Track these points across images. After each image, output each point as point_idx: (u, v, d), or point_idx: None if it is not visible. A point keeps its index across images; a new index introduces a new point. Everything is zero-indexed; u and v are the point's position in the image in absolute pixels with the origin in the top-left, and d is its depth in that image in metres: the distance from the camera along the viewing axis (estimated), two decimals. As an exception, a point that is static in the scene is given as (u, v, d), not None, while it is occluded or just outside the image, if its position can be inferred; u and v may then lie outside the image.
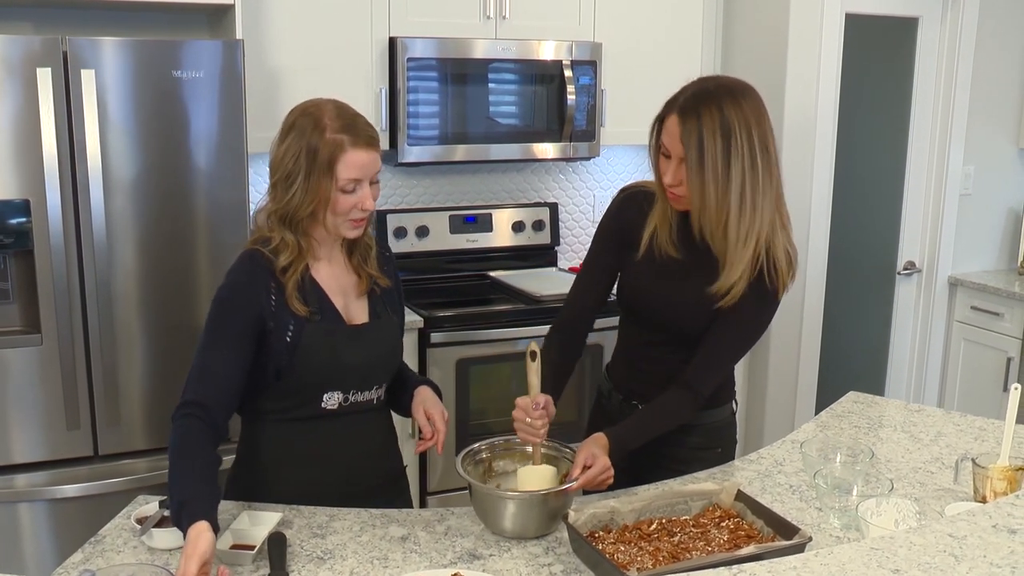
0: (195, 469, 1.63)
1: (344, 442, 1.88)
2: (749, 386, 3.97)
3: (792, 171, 3.75)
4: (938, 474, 2.01)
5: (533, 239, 4.06)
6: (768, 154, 1.83)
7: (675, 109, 1.83)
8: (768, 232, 1.86)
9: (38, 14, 3.19)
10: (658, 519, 1.73)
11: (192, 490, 1.58)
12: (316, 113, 1.76)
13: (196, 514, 1.51)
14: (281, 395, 1.83)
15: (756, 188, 1.81)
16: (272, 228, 1.80)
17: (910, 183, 4.11)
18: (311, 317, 1.80)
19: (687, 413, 1.96)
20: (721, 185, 1.79)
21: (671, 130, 1.83)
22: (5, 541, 2.73)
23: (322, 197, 1.75)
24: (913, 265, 4.18)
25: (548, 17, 3.65)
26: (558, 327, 2.11)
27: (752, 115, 1.80)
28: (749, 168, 1.80)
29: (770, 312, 1.95)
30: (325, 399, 1.84)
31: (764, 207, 1.83)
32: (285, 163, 1.75)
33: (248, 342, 1.76)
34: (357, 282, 1.90)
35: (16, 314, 2.73)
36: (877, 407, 2.43)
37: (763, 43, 3.79)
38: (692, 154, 1.79)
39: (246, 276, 1.79)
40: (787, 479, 1.99)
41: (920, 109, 4.04)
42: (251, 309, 1.76)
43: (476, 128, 3.58)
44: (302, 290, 1.80)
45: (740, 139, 1.79)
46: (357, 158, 1.75)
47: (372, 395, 1.91)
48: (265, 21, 3.23)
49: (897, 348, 4.27)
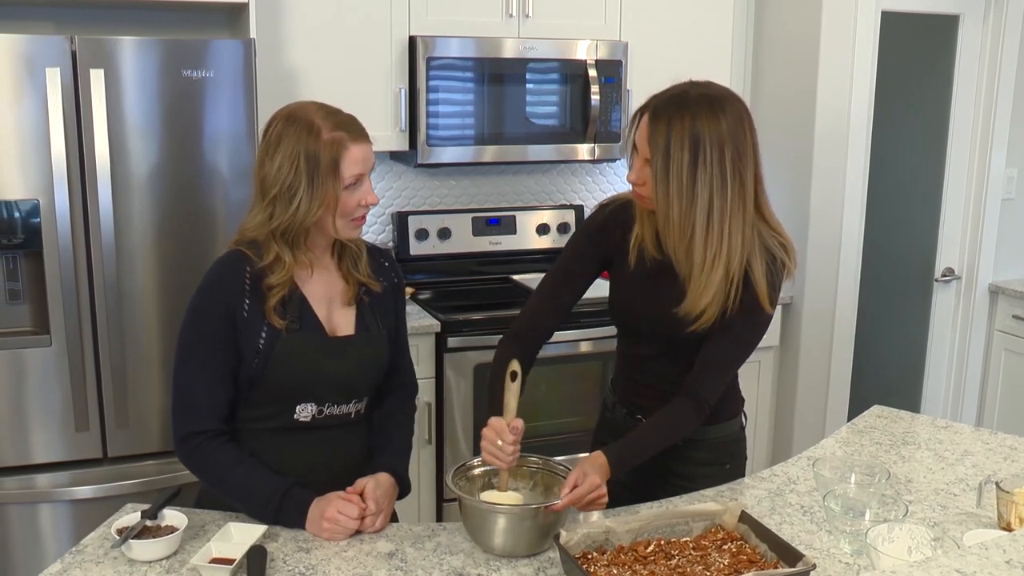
0: (257, 470, 1.74)
1: (320, 455, 1.82)
2: (777, 398, 3.86)
3: (824, 175, 3.64)
4: (961, 496, 1.90)
5: (558, 242, 3.98)
6: (740, 179, 1.73)
7: (649, 108, 1.75)
8: (746, 253, 1.76)
9: (59, 14, 3.19)
10: (656, 540, 1.65)
11: (275, 484, 1.72)
12: (304, 117, 1.70)
13: (303, 501, 1.71)
14: (254, 404, 1.78)
15: (724, 210, 1.72)
16: (268, 244, 1.73)
17: (949, 187, 3.96)
18: (288, 327, 1.75)
19: (692, 423, 1.87)
20: (686, 200, 1.71)
21: (642, 128, 1.76)
22: (11, 542, 2.72)
23: (330, 201, 1.70)
24: (952, 272, 4.03)
25: (573, 16, 3.57)
26: (514, 336, 1.97)
27: (729, 132, 1.71)
28: (718, 187, 1.71)
29: (764, 317, 1.85)
30: (298, 411, 1.78)
31: (734, 232, 1.74)
32: (283, 174, 1.68)
33: (227, 350, 1.73)
34: (344, 289, 1.83)
35: (27, 314, 2.72)
36: (902, 422, 2.32)
37: (795, 42, 3.68)
38: (658, 159, 1.72)
39: (217, 278, 1.75)
40: (799, 499, 1.89)
41: (960, 110, 3.89)
42: (224, 314, 1.72)
43: (498, 129, 3.51)
44: (283, 300, 1.75)
45: (710, 155, 1.70)
46: (358, 153, 1.71)
47: (350, 409, 1.84)
48: (282, 20, 3.20)
49: (934, 359, 4.11)
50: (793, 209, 3.70)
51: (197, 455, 1.75)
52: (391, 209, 3.79)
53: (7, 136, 2.55)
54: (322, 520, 1.70)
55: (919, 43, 3.99)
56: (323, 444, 1.82)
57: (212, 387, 1.74)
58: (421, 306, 3.43)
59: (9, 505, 2.70)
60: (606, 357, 3.36)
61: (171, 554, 1.64)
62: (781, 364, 3.84)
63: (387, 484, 1.81)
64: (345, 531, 1.71)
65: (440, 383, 3.31)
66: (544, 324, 2.00)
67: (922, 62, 4.02)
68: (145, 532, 1.65)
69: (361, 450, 1.89)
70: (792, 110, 3.69)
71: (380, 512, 1.75)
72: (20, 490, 2.71)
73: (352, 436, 1.87)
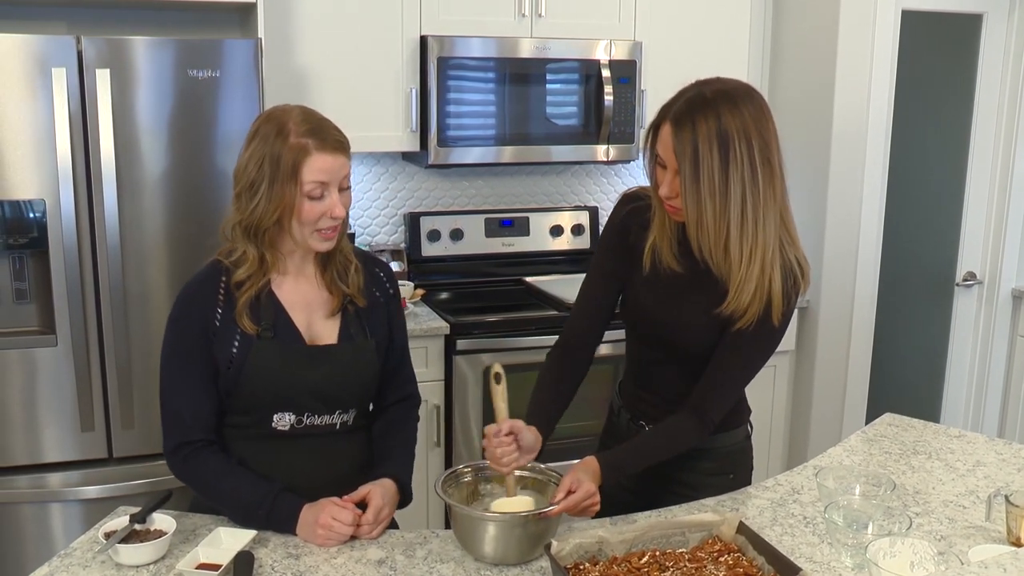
0: (247, 477, 1.72)
1: (302, 464, 1.79)
2: (792, 403, 3.80)
3: (841, 176, 3.58)
4: (971, 509, 1.85)
5: (572, 243, 3.94)
6: (771, 165, 1.68)
7: (668, 117, 1.69)
8: (774, 249, 1.72)
9: (72, 14, 3.19)
10: (651, 551, 1.61)
11: (265, 489, 1.71)
12: (281, 118, 1.69)
13: (293, 504, 1.69)
14: (232, 412, 1.77)
15: (758, 202, 1.67)
16: (236, 240, 1.73)
17: (971, 189, 3.88)
18: (262, 334, 1.72)
19: (693, 439, 1.83)
20: (719, 200, 1.66)
21: (664, 140, 1.70)
22: (24, 540, 2.72)
23: (287, 204, 1.68)
24: (973, 276, 3.94)
25: (587, 15, 3.53)
26: (561, 345, 1.97)
27: (753, 122, 1.66)
28: (749, 180, 1.66)
29: (778, 332, 1.80)
30: (276, 419, 1.76)
31: (768, 222, 1.70)
32: (248, 171, 1.68)
33: (205, 362, 1.73)
34: (328, 299, 1.80)
35: (33, 314, 2.72)
36: (913, 431, 2.26)
37: (812, 42, 3.61)
38: (687, 166, 1.66)
39: (194, 289, 1.75)
40: (802, 509, 1.85)
41: (983, 111, 3.81)
42: (199, 323, 1.72)
43: (512, 129, 3.48)
44: (255, 307, 1.73)
45: (739, 149, 1.65)
46: (323, 162, 1.68)
47: (334, 419, 1.80)
48: (292, 20, 3.18)
49: (955, 366, 4.03)
50: (810, 210, 3.64)
51: (187, 466, 1.74)
52: (403, 210, 3.77)
53: (15, 136, 2.55)
54: (316, 526, 1.68)
55: (941, 42, 3.91)
56: (306, 453, 1.79)
57: (195, 399, 1.74)
58: (431, 308, 3.41)
59: (22, 504, 2.71)
60: (619, 360, 3.31)
61: (159, 559, 1.62)
62: (797, 369, 3.77)
63: (392, 491, 1.79)
64: (339, 537, 1.68)
65: (449, 385, 3.28)
66: (587, 329, 1.97)
67: (944, 61, 3.94)
68: (134, 536, 1.63)
69: (349, 461, 1.85)
70: (809, 110, 3.63)
71: (380, 522, 1.73)
72: (27, 489, 2.72)
73: (338, 447, 1.83)
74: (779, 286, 1.75)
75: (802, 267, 1.79)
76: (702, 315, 1.79)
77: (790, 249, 1.78)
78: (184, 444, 1.74)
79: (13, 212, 2.62)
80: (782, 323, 1.78)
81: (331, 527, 1.67)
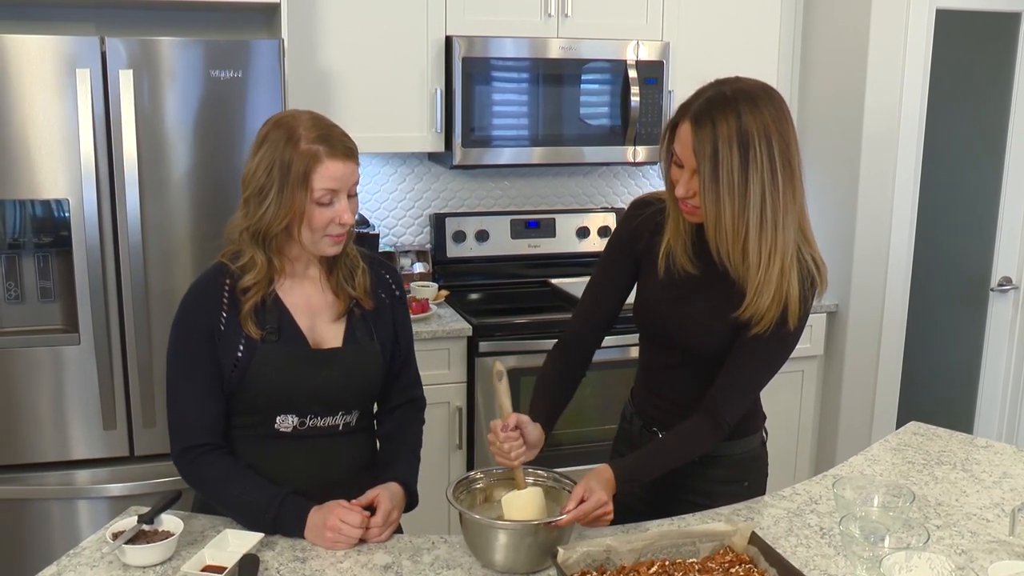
0: (254, 480, 1.71)
1: (305, 465, 1.78)
2: (820, 410, 3.73)
3: (872, 178, 3.51)
4: (995, 523, 1.79)
5: (599, 245, 3.90)
6: (791, 166, 1.65)
7: (688, 116, 1.66)
8: (793, 251, 1.68)
9: (99, 15, 3.22)
10: (660, 561, 1.58)
11: (272, 492, 1.69)
12: (290, 124, 1.68)
13: (301, 507, 1.67)
14: (236, 413, 1.77)
15: (777, 203, 1.64)
16: (244, 245, 1.73)
17: (1008, 192, 3.78)
18: (267, 338, 1.72)
19: (709, 443, 1.80)
20: (738, 200, 1.62)
21: (683, 139, 1.67)
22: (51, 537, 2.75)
23: (296, 211, 1.67)
24: (1009, 281, 3.85)
25: (613, 15, 3.50)
26: (560, 347, 1.97)
27: (773, 122, 1.63)
28: (769, 181, 1.63)
29: (794, 334, 1.77)
30: (278, 421, 1.75)
31: (788, 224, 1.66)
32: (257, 177, 1.68)
33: (210, 366, 1.72)
34: (333, 302, 1.80)
35: (58, 312, 2.75)
36: (939, 440, 2.20)
37: (844, 41, 3.55)
38: (706, 166, 1.62)
39: (199, 293, 1.75)
40: (819, 520, 1.80)
41: (1021, 112, 3.71)
42: (203, 327, 1.72)
43: (538, 130, 3.46)
44: (260, 311, 1.73)
45: (759, 150, 1.61)
46: (333, 169, 1.67)
47: (337, 421, 1.80)
48: (316, 20, 3.19)
49: (989, 373, 3.93)
50: (840, 212, 3.57)
51: (194, 469, 1.74)
52: (429, 211, 3.76)
53: (39, 136, 2.57)
54: (324, 529, 1.67)
55: (977, 41, 3.82)
56: (308, 454, 1.79)
57: (201, 403, 1.73)
58: (455, 309, 3.39)
59: (51, 501, 2.74)
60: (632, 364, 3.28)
61: (165, 560, 1.62)
62: (825, 375, 3.71)
63: (399, 494, 1.78)
64: (348, 540, 1.67)
65: (471, 387, 3.27)
66: (589, 330, 1.97)
67: (980, 61, 3.85)
68: (141, 537, 1.64)
69: (352, 461, 1.85)
70: (840, 110, 3.57)
71: (389, 525, 1.72)
72: (59, 486, 2.75)
73: (340, 447, 1.82)
74: (796, 290, 1.72)
75: (819, 267, 1.76)
76: (717, 318, 1.76)
77: (806, 249, 1.75)
78: (190, 448, 1.74)
79: (39, 211, 2.65)
80: (798, 326, 1.75)
81: (340, 530, 1.66)
